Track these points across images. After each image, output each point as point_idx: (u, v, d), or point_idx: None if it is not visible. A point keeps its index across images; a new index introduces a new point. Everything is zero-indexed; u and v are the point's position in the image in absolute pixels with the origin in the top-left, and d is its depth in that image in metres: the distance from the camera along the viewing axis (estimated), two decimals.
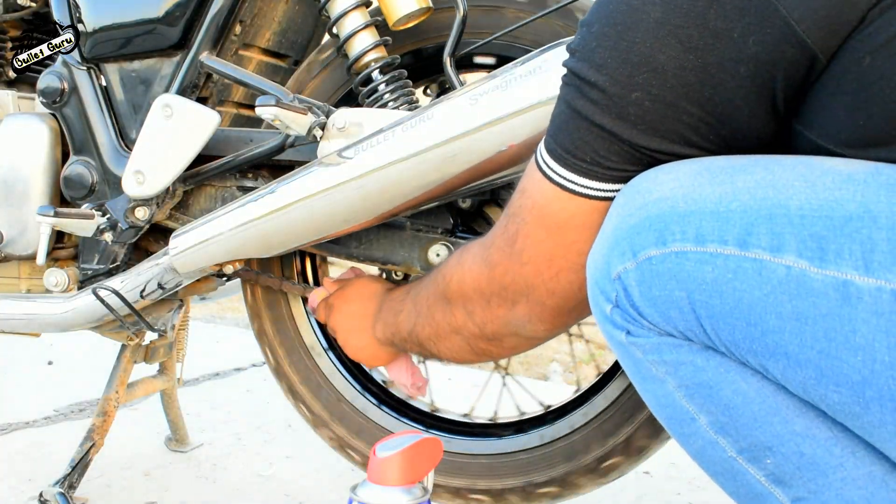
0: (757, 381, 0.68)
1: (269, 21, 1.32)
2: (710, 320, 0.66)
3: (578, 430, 1.18)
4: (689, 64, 0.68)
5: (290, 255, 1.32)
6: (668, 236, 0.67)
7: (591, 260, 0.75)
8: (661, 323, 0.69)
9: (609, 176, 0.74)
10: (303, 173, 1.10)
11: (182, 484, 1.50)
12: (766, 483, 0.71)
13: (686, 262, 0.66)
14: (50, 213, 1.21)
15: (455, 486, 1.24)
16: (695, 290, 0.66)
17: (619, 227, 0.71)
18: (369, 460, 0.83)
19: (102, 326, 1.34)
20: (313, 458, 1.60)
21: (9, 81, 1.47)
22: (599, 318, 0.75)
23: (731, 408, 0.70)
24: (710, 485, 1.50)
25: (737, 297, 0.65)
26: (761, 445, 0.69)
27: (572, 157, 0.75)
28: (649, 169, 0.72)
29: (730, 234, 0.65)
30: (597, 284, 0.73)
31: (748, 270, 0.64)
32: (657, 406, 0.76)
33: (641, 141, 0.71)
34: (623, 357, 0.75)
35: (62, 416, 1.84)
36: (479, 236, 1.18)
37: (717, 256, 0.65)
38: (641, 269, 0.69)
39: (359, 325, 1.12)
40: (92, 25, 1.27)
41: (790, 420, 0.68)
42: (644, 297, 0.69)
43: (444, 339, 0.97)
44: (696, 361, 0.70)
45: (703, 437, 0.72)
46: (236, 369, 2.25)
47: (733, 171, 0.68)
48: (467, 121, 0.99)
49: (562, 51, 0.95)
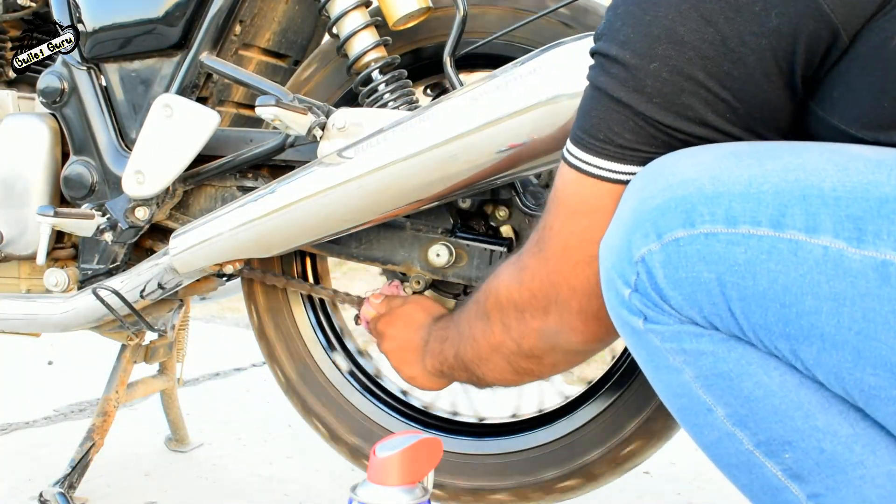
0: (779, 375, 0.68)
1: (269, 21, 1.33)
2: (741, 303, 0.65)
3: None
4: (709, 37, 0.67)
5: (290, 255, 1.32)
6: (696, 217, 0.66)
7: (607, 243, 0.73)
8: (686, 307, 0.68)
9: (621, 155, 0.73)
10: (303, 173, 1.10)
11: (182, 484, 1.50)
12: (782, 477, 0.70)
13: (716, 243, 0.65)
14: (50, 213, 1.21)
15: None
16: (725, 272, 0.65)
17: (639, 209, 0.70)
18: (369, 460, 0.83)
19: (102, 326, 1.34)
20: (313, 458, 1.60)
21: (9, 81, 1.47)
22: (614, 303, 0.74)
23: (751, 400, 0.69)
24: (709, 485, 1.51)
25: (771, 279, 0.64)
26: (781, 440, 0.69)
27: (587, 135, 0.75)
28: (665, 153, 0.72)
29: (762, 216, 0.64)
30: (613, 268, 0.72)
31: (783, 251, 0.63)
32: (670, 396, 0.74)
33: (657, 115, 0.70)
34: (636, 345, 0.74)
35: (62, 416, 1.84)
36: (479, 236, 1.19)
37: (750, 237, 0.64)
38: (667, 250, 0.67)
39: (409, 358, 1.11)
40: (92, 25, 1.27)
41: (812, 415, 0.67)
42: (669, 279, 0.68)
43: (486, 360, 0.95)
44: (717, 352, 0.69)
45: (719, 429, 0.71)
46: (236, 369, 2.25)
47: (759, 155, 0.67)
48: (467, 121, 0.99)
49: (562, 51, 0.95)
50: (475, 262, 1.17)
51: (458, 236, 1.18)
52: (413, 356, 1.10)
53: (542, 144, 0.96)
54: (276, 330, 1.34)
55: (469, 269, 1.17)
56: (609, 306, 0.75)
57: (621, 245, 0.71)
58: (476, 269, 1.17)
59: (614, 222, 0.73)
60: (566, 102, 0.93)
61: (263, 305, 1.34)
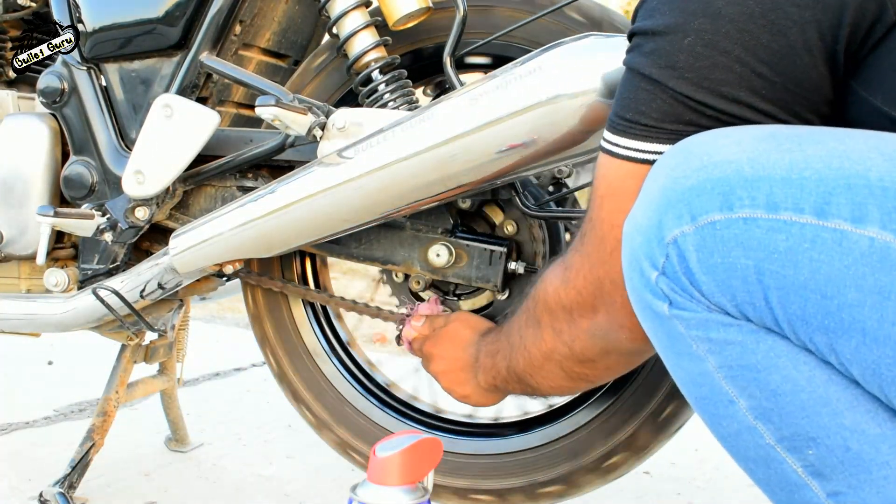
0: (808, 370, 0.66)
1: (269, 21, 1.32)
2: (778, 292, 0.63)
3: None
4: (748, 9, 0.66)
5: (290, 255, 1.32)
6: (735, 201, 0.64)
7: (633, 222, 0.71)
8: (717, 294, 0.66)
9: (646, 134, 0.72)
10: (303, 173, 1.10)
11: (182, 484, 1.50)
12: (802, 474, 0.68)
13: (756, 229, 0.64)
14: (50, 213, 1.21)
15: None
16: (764, 260, 0.63)
17: (671, 189, 0.68)
18: (369, 460, 0.83)
19: (102, 326, 1.34)
20: (313, 458, 1.60)
21: (9, 81, 1.47)
22: (637, 285, 0.71)
23: (777, 394, 0.67)
24: (709, 485, 1.51)
25: (813, 269, 0.62)
26: (805, 436, 0.67)
27: (617, 117, 0.74)
28: (693, 134, 0.70)
29: (806, 203, 0.62)
30: (640, 248, 0.70)
31: (827, 241, 0.61)
32: (690, 384, 0.72)
33: (687, 91, 0.69)
34: (658, 330, 0.72)
35: (62, 416, 1.84)
36: (479, 236, 1.19)
37: (792, 225, 0.63)
38: (702, 233, 0.66)
39: (460, 378, 1.09)
40: (92, 25, 1.27)
41: (840, 413, 0.66)
42: (703, 263, 0.66)
43: (539, 368, 0.94)
44: (745, 342, 0.67)
45: (740, 422, 0.69)
46: (236, 369, 2.25)
47: (800, 139, 0.65)
48: (467, 121, 0.99)
49: (562, 51, 0.95)
50: (475, 262, 1.17)
51: (458, 236, 1.18)
52: (465, 375, 1.08)
53: (541, 144, 0.96)
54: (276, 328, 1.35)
55: (469, 269, 1.17)
56: (630, 288, 0.73)
57: (649, 225, 0.69)
58: (476, 269, 1.17)
59: (641, 201, 0.71)
60: (566, 102, 0.93)
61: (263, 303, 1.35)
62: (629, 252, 0.72)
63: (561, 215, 1.20)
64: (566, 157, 0.98)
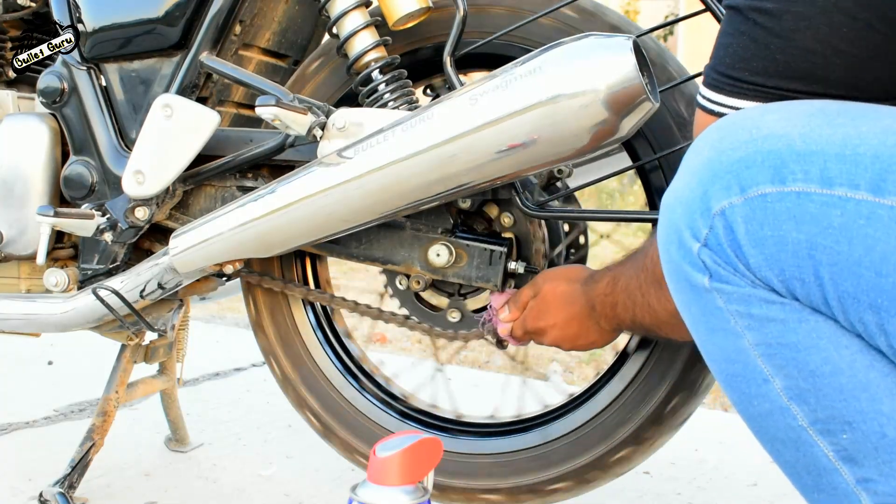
0: (850, 354, 0.65)
1: (269, 21, 1.33)
2: (831, 268, 0.63)
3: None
4: None
5: (289, 255, 1.32)
6: (788, 175, 0.64)
7: (674, 193, 0.70)
8: (764, 268, 0.65)
9: (746, 92, 0.71)
10: (303, 173, 1.10)
11: (182, 484, 1.50)
12: (833, 458, 0.68)
13: (810, 203, 0.63)
14: (50, 212, 1.21)
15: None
16: (818, 234, 0.63)
17: (718, 160, 0.67)
18: (369, 460, 0.83)
19: (102, 326, 1.34)
20: (313, 458, 1.60)
21: (9, 81, 1.47)
22: (675, 256, 0.70)
23: (816, 375, 0.66)
24: (710, 485, 1.51)
25: (868, 245, 0.61)
26: (841, 419, 0.66)
27: (714, 70, 0.73)
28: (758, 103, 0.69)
29: (861, 179, 0.62)
30: (682, 219, 0.69)
31: (883, 218, 0.61)
32: (722, 360, 0.71)
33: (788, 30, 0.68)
34: (692, 302, 0.71)
35: (62, 416, 1.84)
36: (479, 236, 1.19)
37: (848, 201, 0.62)
38: (752, 205, 0.65)
39: (582, 332, 1.06)
40: (92, 25, 1.27)
41: (878, 399, 0.65)
42: (751, 236, 0.65)
43: (668, 324, 0.92)
44: (787, 320, 0.66)
45: (773, 402, 0.69)
46: (236, 369, 2.25)
47: (851, 115, 0.65)
48: (467, 121, 0.99)
49: (562, 51, 0.95)
50: (475, 262, 1.17)
51: (458, 236, 1.18)
52: (585, 325, 1.06)
53: (541, 144, 0.96)
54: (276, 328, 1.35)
55: (469, 269, 1.17)
56: (666, 259, 0.72)
57: (693, 196, 0.68)
58: (476, 269, 1.17)
59: (683, 173, 0.70)
60: (566, 102, 0.92)
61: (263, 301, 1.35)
62: (667, 223, 0.71)
63: (561, 215, 1.20)
64: (566, 157, 0.98)
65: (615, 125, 0.92)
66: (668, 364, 1.14)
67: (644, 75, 0.91)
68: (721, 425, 1.79)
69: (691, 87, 1.12)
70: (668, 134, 1.12)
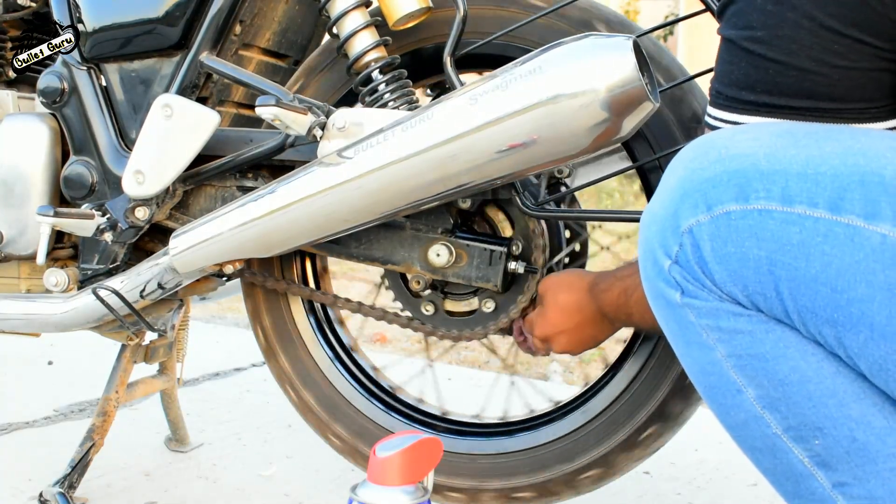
0: (817, 361, 0.67)
1: (269, 21, 1.32)
2: (789, 283, 0.64)
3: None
4: None
5: (289, 255, 1.32)
6: (751, 193, 0.65)
7: (651, 211, 0.72)
8: (729, 283, 0.67)
9: (743, 108, 0.73)
10: (303, 173, 1.10)
11: (182, 484, 1.50)
12: (808, 464, 0.69)
13: (770, 221, 0.65)
14: (50, 212, 1.21)
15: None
16: (777, 251, 0.64)
17: (689, 179, 0.69)
18: (369, 460, 0.83)
19: (102, 326, 1.34)
20: (313, 458, 1.60)
21: (9, 81, 1.47)
22: (650, 274, 0.72)
23: (785, 384, 0.68)
24: (709, 485, 1.51)
25: (825, 262, 0.63)
26: (812, 426, 0.68)
27: (714, 90, 0.75)
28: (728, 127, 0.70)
29: (820, 197, 0.63)
30: (655, 237, 0.71)
31: (839, 235, 0.62)
32: (699, 373, 0.73)
33: (760, 50, 0.70)
34: (668, 318, 0.73)
35: (62, 416, 1.84)
36: (479, 236, 1.19)
37: (806, 218, 0.63)
38: (717, 223, 0.66)
39: (590, 336, 1.09)
40: (92, 25, 1.27)
41: (846, 404, 0.66)
42: (716, 252, 0.67)
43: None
44: (755, 332, 0.68)
45: (748, 411, 0.70)
46: (236, 369, 2.25)
47: (817, 136, 0.66)
48: (467, 121, 0.99)
49: (562, 51, 0.95)
50: (475, 262, 1.17)
51: (458, 236, 1.18)
52: (594, 329, 1.08)
53: (541, 144, 0.96)
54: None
55: (469, 269, 1.17)
56: (644, 277, 0.74)
57: (666, 214, 0.70)
58: (476, 269, 1.17)
59: (659, 192, 0.72)
60: (566, 102, 0.92)
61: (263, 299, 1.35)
62: (644, 241, 0.72)
63: (561, 215, 1.20)
64: (566, 158, 0.98)
65: (615, 125, 0.92)
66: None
67: (644, 75, 0.91)
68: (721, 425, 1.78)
69: (691, 87, 1.13)
70: (668, 134, 1.12)
